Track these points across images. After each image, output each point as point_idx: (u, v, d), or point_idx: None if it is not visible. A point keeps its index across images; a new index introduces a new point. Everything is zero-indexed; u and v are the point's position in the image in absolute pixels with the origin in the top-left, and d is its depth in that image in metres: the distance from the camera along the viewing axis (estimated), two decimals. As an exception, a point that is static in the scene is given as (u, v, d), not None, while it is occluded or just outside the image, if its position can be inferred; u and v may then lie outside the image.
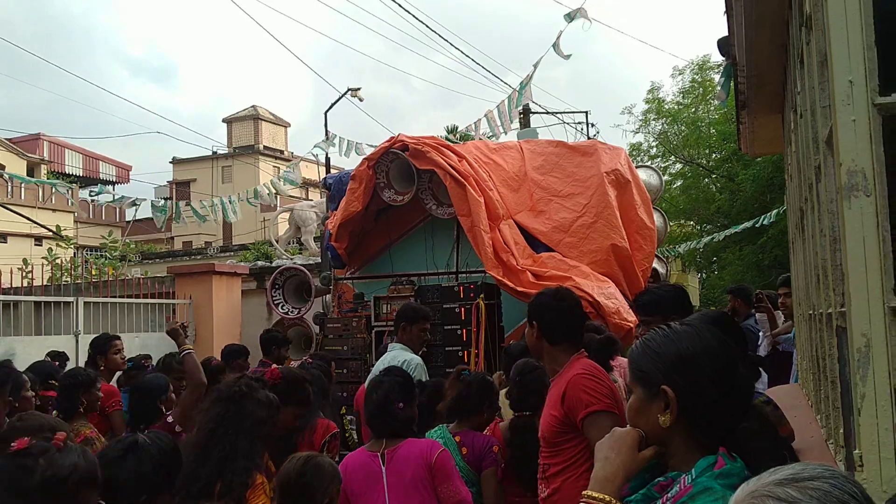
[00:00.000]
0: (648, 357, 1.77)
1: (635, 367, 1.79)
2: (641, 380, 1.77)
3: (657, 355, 1.75)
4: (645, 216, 8.82)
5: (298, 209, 15.32)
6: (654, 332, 1.83)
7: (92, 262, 18.10)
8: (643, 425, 1.76)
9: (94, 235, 31.71)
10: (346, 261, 9.11)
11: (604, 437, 1.80)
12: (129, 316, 10.36)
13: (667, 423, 1.70)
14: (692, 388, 1.69)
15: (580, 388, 3.08)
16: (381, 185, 8.55)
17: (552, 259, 7.98)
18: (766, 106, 5.56)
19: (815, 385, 3.55)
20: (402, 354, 5.37)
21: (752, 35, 4.22)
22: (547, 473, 3.17)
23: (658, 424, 1.71)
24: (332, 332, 8.53)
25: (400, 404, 3.60)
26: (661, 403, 1.71)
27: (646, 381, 1.76)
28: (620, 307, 7.38)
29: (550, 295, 3.43)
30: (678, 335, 1.77)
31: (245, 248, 22.64)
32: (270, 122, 49.01)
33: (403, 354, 5.37)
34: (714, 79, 26.85)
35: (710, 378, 1.70)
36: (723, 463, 1.65)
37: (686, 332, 1.78)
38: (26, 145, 36.22)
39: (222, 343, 9.99)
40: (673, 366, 1.72)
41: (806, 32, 2.74)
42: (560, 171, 8.73)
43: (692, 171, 27.64)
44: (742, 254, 21.90)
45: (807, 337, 4.16)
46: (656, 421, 1.72)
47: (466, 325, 7.76)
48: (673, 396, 1.69)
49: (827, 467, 1.12)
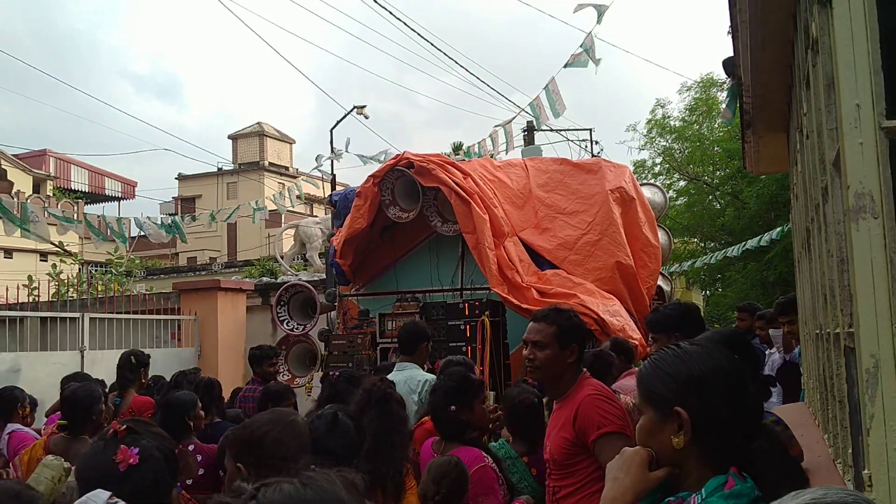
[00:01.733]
0: (660, 378, 1.76)
1: (646, 389, 1.78)
2: (653, 401, 1.76)
3: (669, 376, 1.75)
4: (649, 234, 8.83)
5: (303, 225, 15.37)
6: (664, 352, 1.82)
7: (98, 278, 18.14)
8: (655, 446, 1.75)
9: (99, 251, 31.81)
10: (351, 277, 9.13)
11: (614, 460, 1.79)
12: (134, 332, 10.38)
13: (681, 444, 1.69)
14: (705, 408, 1.69)
15: (593, 408, 3.06)
16: (387, 202, 8.58)
17: (557, 276, 7.99)
18: (771, 125, 5.59)
19: (823, 404, 3.55)
20: (419, 373, 5.35)
21: (757, 56, 4.25)
22: (558, 496, 3.15)
23: (671, 445, 1.71)
24: (337, 348, 8.53)
25: (452, 408, 3.72)
26: (674, 425, 1.70)
27: (658, 403, 1.75)
28: (626, 325, 7.38)
29: (575, 314, 3.40)
30: (689, 355, 1.76)
31: (250, 265, 22.71)
32: (275, 138, 49.20)
33: (419, 373, 5.35)
34: (719, 97, 26.92)
35: (723, 398, 1.69)
36: (733, 483, 1.65)
37: (696, 351, 1.77)
38: (32, 161, 36.38)
39: (227, 359, 10.04)
40: (685, 387, 1.72)
41: (812, 55, 2.77)
42: (564, 189, 8.76)
43: (696, 188, 27.65)
44: (746, 271, 21.87)
45: (814, 356, 4.16)
46: (669, 442, 1.71)
47: (471, 342, 7.75)
48: (687, 418, 1.69)
49: (850, 492, 1.10)
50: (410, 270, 9.15)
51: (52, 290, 13.31)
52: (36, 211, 8.08)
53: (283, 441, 2.36)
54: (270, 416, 2.49)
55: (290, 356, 9.83)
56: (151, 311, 11.14)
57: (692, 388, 1.71)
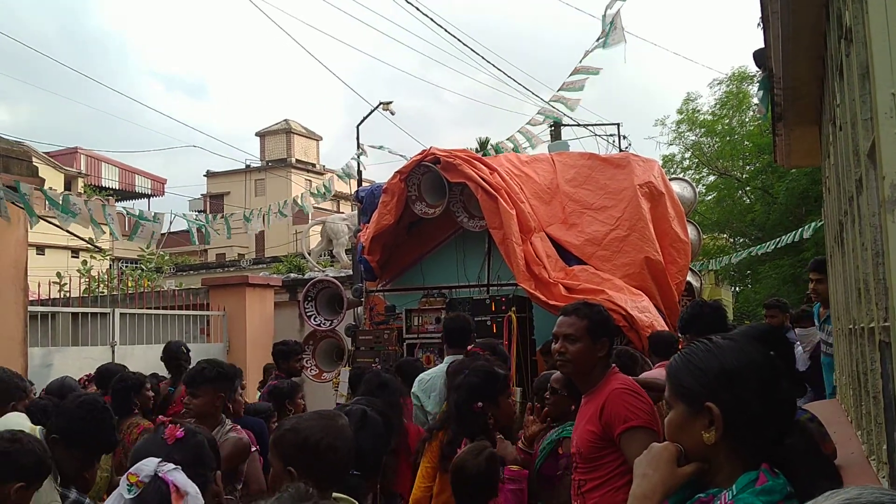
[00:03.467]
0: (691, 372, 1.72)
1: (677, 383, 1.75)
2: (684, 395, 1.72)
3: (700, 371, 1.71)
4: (679, 229, 8.75)
5: (330, 222, 15.44)
6: (695, 347, 1.78)
7: (128, 274, 18.35)
8: (685, 442, 1.71)
9: (129, 247, 32.16)
10: (378, 273, 9.14)
11: (642, 454, 1.76)
12: (164, 327, 10.48)
13: (711, 440, 1.66)
14: (737, 404, 1.65)
15: (620, 402, 3.04)
16: (413, 197, 8.57)
17: (585, 272, 7.94)
18: (803, 118, 5.51)
19: (856, 401, 3.49)
20: None
21: (788, 47, 4.18)
22: (583, 489, 3.13)
23: (701, 441, 1.67)
24: (364, 343, 8.55)
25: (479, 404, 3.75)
26: (704, 420, 1.67)
27: (688, 397, 1.71)
28: (654, 321, 7.31)
29: (604, 308, 3.39)
30: (721, 349, 1.73)
31: (277, 261, 22.83)
32: (302, 135, 49.46)
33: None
34: (750, 90, 26.63)
35: (755, 394, 1.66)
36: (765, 479, 1.62)
37: (729, 346, 1.73)
38: (64, 159, 36.86)
39: (255, 355, 10.11)
40: (717, 381, 1.68)
41: (846, 45, 2.71)
42: (592, 184, 8.69)
43: (725, 184, 27.39)
44: (779, 266, 21.62)
45: (846, 352, 4.09)
46: (699, 437, 1.68)
47: (498, 338, 7.72)
48: (718, 413, 1.65)
49: (886, 491, 1.06)
50: (437, 266, 9.14)
51: (83, 287, 13.46)
52: (78, 203, 8.24)
53: (337, 448, 2.43)
54: (322, 423, 2.49)
55: (318, 351, 9.87)
56: (181, 306, 11.25)
57: (724, 383, 1.67)
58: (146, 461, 2.21)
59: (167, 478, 2.17)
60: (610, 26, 8.26)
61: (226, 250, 41.44)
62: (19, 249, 7.94)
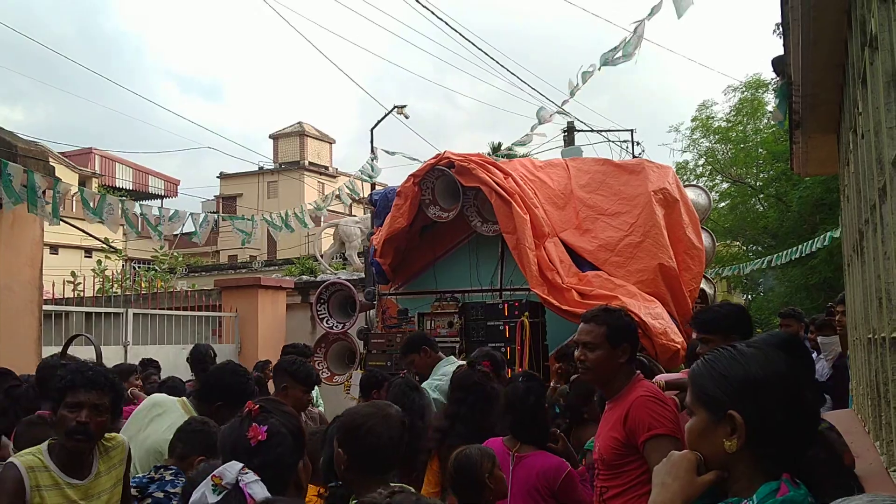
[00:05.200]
0: (714, 379, 1.70)
1: (699, 390, 1.73)
2: (706, 403, 1.70)
3: (724, 378, 1.69)
4: (693, 236, 8.70)
5: (343, 225, 15.46)
6: (718, 353, 1.76)
7: (141, 275, 18.44)
8: (706, 449, 1.70)
9: (142, 248, 32.30)
10: (391, 277, 9.14)
11: (661, 464, 1.74)
12: (176, 328, 10.52)
13: (733, 448, 1.64)
14: (760, 413, 1.63)
15: (644, 410, 3.02)
16: (427, 201, 8.57)
17: (598, 278, 7.91)
18: (821, 126, 5.48)
19: (875, 410, 3.46)
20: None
21: (808, 54, 4.16)
22: (605, 496, 3.11)
23: (722, 449, 1.66)
24: (376, 347, 8.55)
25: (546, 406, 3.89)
26: (726, 428, 1.65)
27: (711, 405, 1.69)
28: (668, 328, 7.28)
29: (625, 313, 3.37)
30: (745, 357, 1.70)
31: (290, 263, 22.86)
32: (316, 138, 49.57)
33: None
34: (764, 98, 26.52)
35: (779, 403, 1.64)
36: (786, 490, 1.60)
37: (753, 354, 1.71)
38: (78, 159, 37.07)
39: (266, 356, 10.11)
40: (741, 390, 1.66)
41: (870, 52, 2.69)
42: (607, 190, 8.67)
43: (738, 191, 27.27)
44: (790, 275, 21.52)
45: (864, 361, 4.05)
46: (721, 446, 1.66)
47: (511, 342, 7.72)
48: (741, 422, 1.63)
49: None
50: (450, 270, 9.13)
51: (97, 287, 13.52)
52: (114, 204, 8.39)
53: (379, 433, 2.64)
54: (370, 410, 2.77)
55: (330, 354, 9.87)
56: (193, 307, 11.28)
57: (748, 392, 1.66)
58: (230, 466, 2.30)
59: (246, 490, 2.26)
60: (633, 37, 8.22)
61: (238, 252, 41.56)
62: (35, 248, 7.99)
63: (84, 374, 3.09)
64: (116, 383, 3.21)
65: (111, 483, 3.17)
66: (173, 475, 3.29)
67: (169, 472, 3.30)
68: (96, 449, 3.17)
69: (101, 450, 3.20)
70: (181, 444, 3.41)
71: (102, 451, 3.20)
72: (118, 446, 3.29)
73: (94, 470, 3.14)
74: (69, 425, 3.01)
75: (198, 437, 3.39)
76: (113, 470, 3.21)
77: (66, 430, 3.03)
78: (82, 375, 3.09)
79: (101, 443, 3.19)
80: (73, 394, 3.04)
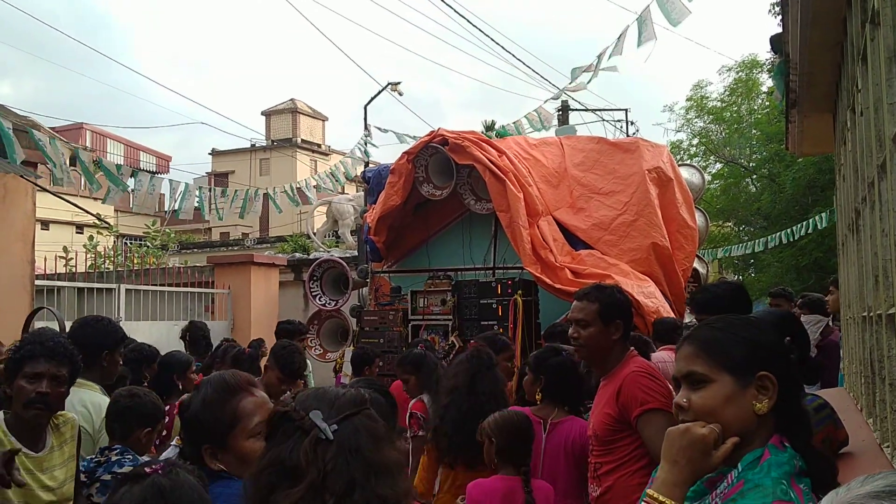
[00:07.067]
0: (739, 343, 1.71)
1: (722, 354, 1.70)
2: (731, 367, 1.69)
3: (748, 341, 1.71)
4: (687, 215, 8.71)
5: (336, 202, 15.42)
6: (727, 319, 1.78)
7: (133, 251, 18.38)
8: (731, 415, 1.67)
9: (134, 224, 32.17)
10: (384, 254, 9.13)
11: (674, 435, 1.68)
12: (169, 304, 10.50)
13: (763, 409, 1.65)
14: (786, 375, 1.68)
15: (636, 385, 3.02)
16: (420, 179, 8.54)
17: (591, 257, 7.92)
18: (817, 105, 5.47)
19: (868, 388, 3.48)
20: None
21: (807, 33, 4.14)
22: (599, 472, 3.12)
23: (751, 413, 1.66)
24: (369, 324, 8.56)
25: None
26: (754, 390, 1.67)
27: (737, 369, 1.68)
28: (660, 306, 7.29)
29: (618, 290, 3.36)
30: (759, 323, 1.76)
31: (282, 240, 22.83)
32: (308, 115, 49.31)
33: None
34: (759, 78, 26.49)
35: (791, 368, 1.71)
36: (768, 454, 1.62)
37: (761, 321, 1.77)
38: (69, 134, 36.74)
39: (259, 333, 10.11)
40: (767, 352, 1.70)
41: (871, 28, 2.68)
42: (601, 168, 8.66)
43: (731, 172, 27.30)
44: (781, 256, 21.58)
45: (858, 339, 4.07)
46: (748, 409, 1.66)
47: (503, 321, 7.73)
48: (775, 382, 1.66)
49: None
50: (443, 248, 9.13)
51: (89, 262, 13.47)
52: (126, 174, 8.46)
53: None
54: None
55: (322, 331, 9.88)
56: (185, 283, 11.25)
57: (774, 354, 1.70)
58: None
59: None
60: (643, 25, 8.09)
61: (230, 229, 41.42)
62: (27, 223, 7.94)
63: (44, 345, 3.03)
64: (75, 355, 3.13)
65: (64, 458, 3.13)
66: (119, 454, 3.24)
67: (115, 453, 3.26)
68: (49, 425, 3.12)
69: (52, 426, 3.14)
70: (118, 423, 3.37)
71: (53, 427, 3.14)
72: (68, 422, 3.22)
73: (49, 444, 3.09)
74: (28, 395, 2.95)
75: (132, 412, 3.36)
76: (65, 445, 3.15)
77: (26, 401, 2.95)
78: (42, 346, 3.02)
79: (52, 419, 3.13)
80: (32, 364, 2.98)
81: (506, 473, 3.33)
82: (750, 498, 1.57)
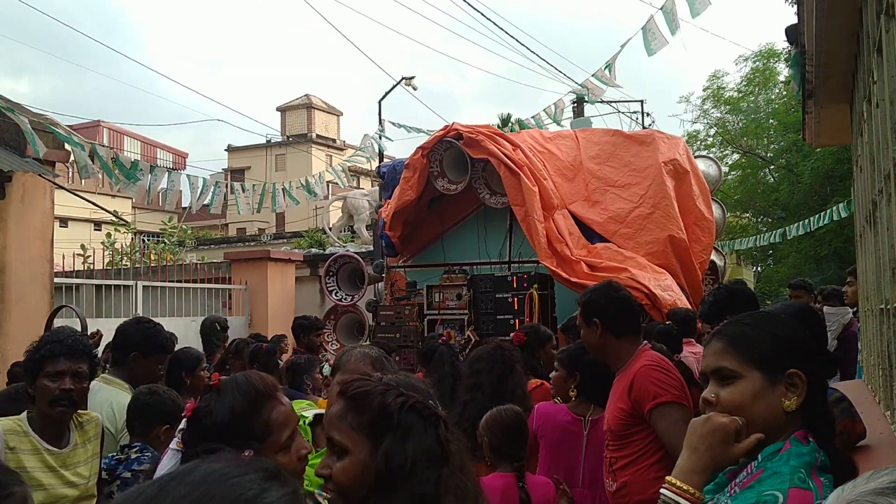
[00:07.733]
0: (769, 339, 1.70)
1: (750, 349, 1.70)
2: (760, 363, 1.68)
3: (776, 337, 1.70)
4: (703, 207, 8.65)
5: (351, 197, 15.43)
6: (755, 316, 1.79)
7: (150, 248, 18.50)
8: (759, 410, 1.66)
9: (151, 221, 32.37)
10: (399, 249, 9.13)
11: (696, 424, 1.69)
12: (186, 300, 10.56)
13: (792, 406, 1.65)
14: (814, 372, 1.68)
15: (648, 379, 3.03)
16: (435, 173, 8.54)
17: (607, 250, 7.89)
18: (834, 96, 5.41)
19: (886, 380, 3.45)
20: None
21: (822, 23, 4.10)
22: (614, 467, 3.12)
23: (779, 410, 1.65)
24: (385, 319, 8.57)
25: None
26: (783, 387, 1.66)
27: (767, 365, 1.68)
28: (677, 300, 7.26)
29: (606, 288, 3.34)
30: (784, 320, 1.76)
31: (298, 236, 22.89)
32: (323, 110, 49.43)
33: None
34: (776, 68, 26.27)
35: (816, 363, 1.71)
36: (789, 445, 1.62)
37: (785, 319, 1.77)
38: (87, 132, 37.00)
39: (276, 328, 10.18)
40: (797, 348, 1.69)
41: (886, 20, 2.65)
42: (616, 161, 8.61)
43: (749, 162, 27.11)
44: (800, 246, 21.43)
45: (875, 332, 4.04)
46: (777, 406, 1.65)
47: (519, 315, 7.72)
48: (805, 380, 1.65)
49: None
50: (458, 242, 9.12)
51: (107, 260, 13.58)
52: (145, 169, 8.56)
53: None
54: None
55: (339, 326, 9.92)
56: (203, 280, 11.32)
57: (804, 351, 1.69)
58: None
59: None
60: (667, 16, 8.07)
61: (246, 225, 41.62)
62: (46, 221, 8.01)
63: (63, 343, 3.07)
64: (91, 350, 3.21)
65: (87, 455, 3.16)
66: (139, 452, 3.32)
67: (134, 450, 3.33)
68: (72, 422, 3.16)
69: (76, 423, 3.18)
70: (138, 421, 3.44)
71: (77, 424, 3.18)
72: (92, 420, 3.26)
73: (73, 441, 3.13)
74: (53, 393, 2.98)
75: (152, 409, 3.42)
76: (89, 443, 3.18)
77: (51, 399, 2.99)
78: (61, 344, 3.07)
79: (75, 417, 3.17)
80: (52, 363, 3.01)
81: (502, 470, 3.33)
82: (767, 484, 1.57)
